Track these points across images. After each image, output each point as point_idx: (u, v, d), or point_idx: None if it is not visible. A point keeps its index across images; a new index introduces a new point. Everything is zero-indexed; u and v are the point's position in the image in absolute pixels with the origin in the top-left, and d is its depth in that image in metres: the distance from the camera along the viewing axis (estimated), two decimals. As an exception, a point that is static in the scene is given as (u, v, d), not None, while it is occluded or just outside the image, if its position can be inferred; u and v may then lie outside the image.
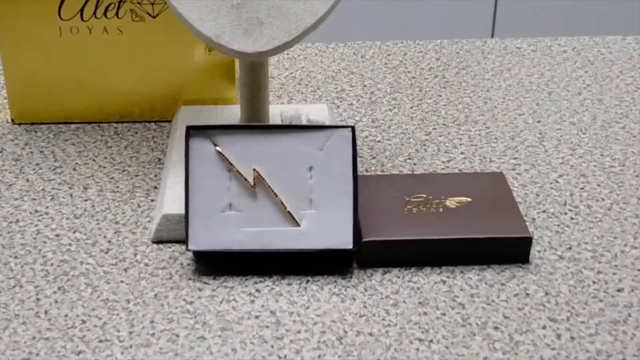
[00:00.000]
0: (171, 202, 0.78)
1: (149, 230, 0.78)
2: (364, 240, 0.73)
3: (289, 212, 0.73)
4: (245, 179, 0.73)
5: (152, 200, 0.82)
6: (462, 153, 0.90)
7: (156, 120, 0.95)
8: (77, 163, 0.87)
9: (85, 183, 0.84)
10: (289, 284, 0.72)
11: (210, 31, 0.75)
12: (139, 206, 0.81)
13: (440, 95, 1.00)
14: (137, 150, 0.90)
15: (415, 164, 0.88)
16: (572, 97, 1.00)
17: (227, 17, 0.76)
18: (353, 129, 0.73)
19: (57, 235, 0.78)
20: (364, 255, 0.74)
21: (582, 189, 0.85)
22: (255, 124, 0.73)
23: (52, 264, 0.74)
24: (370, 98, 1.00)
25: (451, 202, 0.78)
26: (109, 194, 0.83)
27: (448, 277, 0.73)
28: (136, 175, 0.86)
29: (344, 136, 0.74)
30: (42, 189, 0.84)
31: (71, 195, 0.83)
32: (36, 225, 0.79)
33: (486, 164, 0.88)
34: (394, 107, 0.98)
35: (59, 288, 0.72)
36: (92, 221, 0.79)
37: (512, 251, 0.75)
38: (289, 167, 0.73)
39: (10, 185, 0.84)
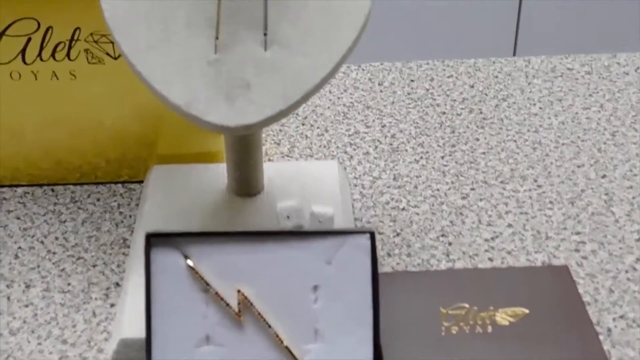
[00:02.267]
0: (133, 318, 0.59)
1: (105, 355, 0.60)
2: (389, 381, 0.55)
3: (287, 347, 0.54)
4: (227, 304, 0.54)
5: (112, 306, 0.63)
6: (509, 225, 0.71)
7: (124, 181, 0.76)
8: (20, 247, 0.69)
9: (28, 278, 0.66)
10: None
11: (178, 97, 0.56)
12: (94, 315, 0.63)
13: (477, 139, 0.81)
14: (97, 227, 0.71)
15: (450, 244, 0.69)
16: (642, 140, 0.81)
17: (202, 77, 0.56)
18: (372, 235, 0.54)
19: (-15, 363, 0.59)
20: (389, 401, 0.55)
21: (668, 280, 0.66)
22: (238, 230, 0.54)
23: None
24: (390, 144, 0.80)
25: (503, 317, 0.59)
26: (57, 296, 0.64)
27: None
28: (94, 266, 0.67)
29: (359, 245, 0.54)
30: (-27, 289, 0.65)
31: (8, 298, 0.64)
32: (-41, 347, 0.61)
33: (541, 243, 0.69)
34: (421, 157, 0.78)
35: None
36: (32, 339, 0.61)
37: (587, 389, 0.56)
38: (286, 287, 0.54)
39: None
